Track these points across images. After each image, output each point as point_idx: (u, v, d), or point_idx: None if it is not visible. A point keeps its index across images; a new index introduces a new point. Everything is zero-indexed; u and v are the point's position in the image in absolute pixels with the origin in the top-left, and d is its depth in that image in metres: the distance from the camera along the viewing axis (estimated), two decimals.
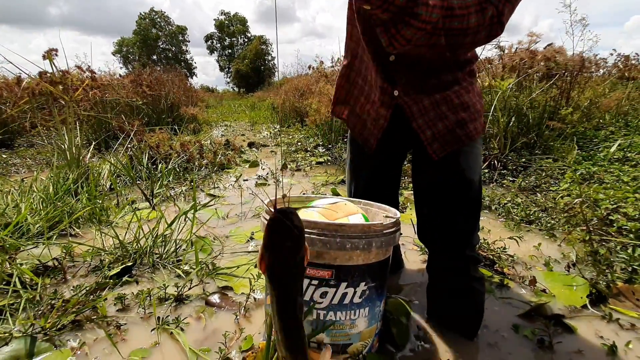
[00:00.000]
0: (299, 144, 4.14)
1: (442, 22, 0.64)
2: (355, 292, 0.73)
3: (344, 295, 0.73)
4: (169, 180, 2.46)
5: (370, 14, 0.63)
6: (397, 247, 1.32)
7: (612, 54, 4.40)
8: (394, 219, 0.79)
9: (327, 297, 0.73)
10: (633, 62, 4.78)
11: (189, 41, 45.11)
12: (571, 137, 2.93)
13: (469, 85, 0.90)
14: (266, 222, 0.44)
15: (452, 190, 0.89)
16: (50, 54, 1.97)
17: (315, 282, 0.72)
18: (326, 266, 0.72)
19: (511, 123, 2.73)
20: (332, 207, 0.89)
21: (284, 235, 0.42)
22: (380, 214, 0.94)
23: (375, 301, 0.77)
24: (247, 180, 2.68)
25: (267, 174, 2.84)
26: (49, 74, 2.32)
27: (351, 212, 0.88)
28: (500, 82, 2.60)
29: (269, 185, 2.54)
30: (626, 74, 4.45)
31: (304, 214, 0.90)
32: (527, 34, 2.88)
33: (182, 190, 2.30)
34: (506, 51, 3.29)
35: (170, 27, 43.74)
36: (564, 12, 3.12)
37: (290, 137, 4.81)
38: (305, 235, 0.68)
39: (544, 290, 1.16)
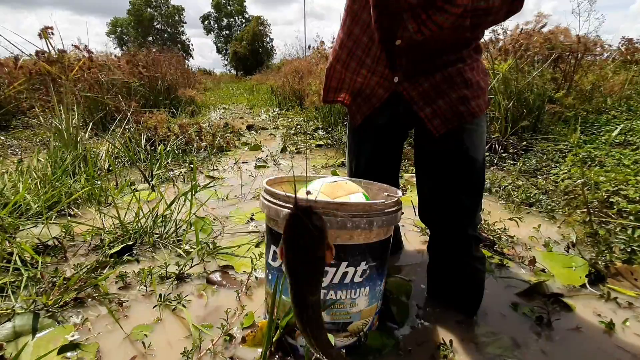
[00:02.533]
0: (299, 127, 4.11)
1: (471, 3, 0.62)
2: (355, 272, 0.73)
3: (345, 274, 0.73)
4: (167, 162, 2.44)
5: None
6: (397, 228, 1.33)
7: (609, 39, 4.31)
8: (396, 198, 0.78)
9: (328, 277, 0.73)
10: (637, 45, 4.69)
11: (185, 22, 44.09)
12: (572, 120, 2.91)
13: (473, 63, 0.88)
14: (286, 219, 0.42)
15: (455, 168, 0.88)
16: (45, 32, 1.91)
17: None
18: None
19: (511, 105, 2.69)
20: (333, 186, 0.88)
21: (301, 233, 0.41)
22: (381, 193, 0.93)
23: (376, 280, 0.77)
24: (246, 162, 2.66)
25: (267, 156, 2.82)
26: (45, 54, 2.26)
27: (352, 191, 0.87)
28: (499, 65, 2.55)
29: (268, 167, 2.53)
30: (629, 57, 4.38)
31: (304, 192, 0.89)
32: (535, 15, 2.82)
33: (181, 172, 2.28)
34: (510, 33, 3.22)
35: (166, 6, 42.60)
36: None
37: (290, 120, 4.77)
38: None
39: (543, 270, 1.17)
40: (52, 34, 2.15)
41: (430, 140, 0.90)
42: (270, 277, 0.81)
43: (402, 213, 0.83)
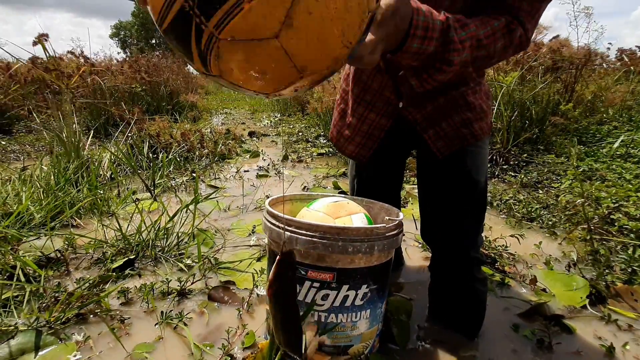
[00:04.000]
0: (300, 134, 4.12)
1: (471, 55, 0.63)
2: (356, 295, 0.74)
3: (346, 297, 0.73)
4: (169, 170, 2.45)
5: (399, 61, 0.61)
6: None
7: (609, 48, 4.32)
8: (397, 221, 0.79)
9: (329, 300, 0.73)
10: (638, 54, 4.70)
11: None
12: (574, 132, 2.91)
13: (476, 86, 0.89)
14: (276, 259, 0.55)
15: (458, 190, 0.89)
16: (41, 39, 1.92)
17: (316, 284, 0.73)
18: (328, 269, 0.72)
19: (514, 117, 2.71)
20: (336, 206, 0.88)
21: (288, 269, 0.55)
22: (383, 213, 0.94)
23: (377, 303, 0.78)
24: (247, 171, 2.67)
25: (268, 164, 2.83)
26: (41, 60, 2.27)
27: (353, 212, 0.88)
28: (504, 78, 2.57)
29: (269, 176, 2.53)
30: (632, 68, 4.39)
31: (306, 214, 0.89)
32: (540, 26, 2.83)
33: (183, 181, 2.29)
34: None
35: None
36: (567, 3, 3.06)
37: (291, 126, 4.78)
38: (307, 238, 0.69)
39: (544, 290, 1.17)
40: (47, 40, 2.15)
41: (434, 162, 0.90)
42: None
43: (404, 238, 0.84)
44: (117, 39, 41.26)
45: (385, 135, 0.93)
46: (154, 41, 41.26)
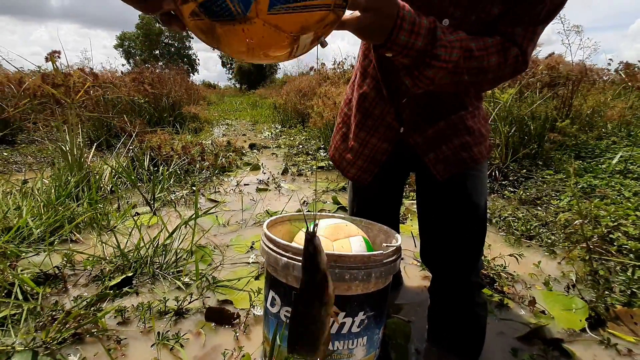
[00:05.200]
0: (301, 146, 4.14)
1: (463, 62, 0.65)
2: (353, 322, 0.74)
3: (342, 325, 0.73)
4: (170, 184, 2.46)
5: (392, 59, 0.65)
6: None
7: (609, 62, 4.37)
8: (394, 247, 0.79)
9: None
10: (636, 69, 4.75)
11: (192, 37, 44.90)
12: (572, 147, 2.93)
13: (474, 110, 0.90)
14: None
15: (458, 214, 0.89)
16: (52, 57, 1.96)
17: None
18: None
19: (512, 133, 2.72)
20: (334, 228, 0.89)
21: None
22: (381, 235, 0.94)
23: (374, 329, 0.77)
24: (247, 184, 2.68)
25: (268, 178, 2.84)
26: (51, 76, 2.31)
27: (352, 234, 0.88)
28: (501, 94, 2.60)
29: (269, 190, 2.54)
30: (630, 83, 4.43)
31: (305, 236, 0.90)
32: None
33: (183, 194, 2.30)
34: None
35: None
36: (557, 22, 3.12)
37: (292, 139, 4.81)
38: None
39: (543, 312, 1.17)
40: (59, 57, 2.19)
41: (434, 185, 0.91)
42: (268, 322, 0.82)
43: (402, 259, 0.84)
44: (121, 49, 41.81)
45: (387, 159, 0.95)
46: (157, 52, 41.72)
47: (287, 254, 0.73)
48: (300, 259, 0.71)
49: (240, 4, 0.35)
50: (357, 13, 0.56)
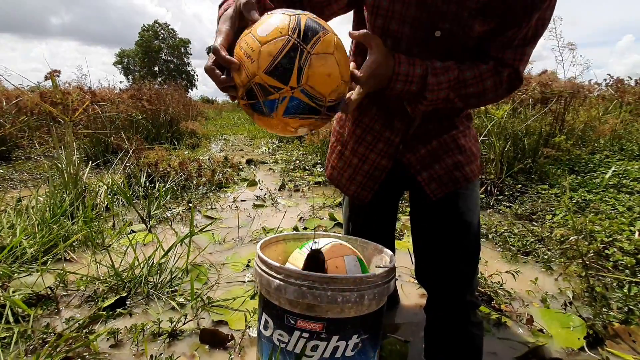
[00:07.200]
0: (298, 161, 4.16)
1: (453, 93, 0.74)
2: (347, 345, 0.72)
3: (336, 349, 0.72)
4: (166, 201, 2.46)
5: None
6: None
7: (606, 79, 4.48)
8: (388, 268, 0.79)
9: (318, 351, 0.72)
10: (626, 85, 4.86)
11: (191, 54, 45.53)
12: (566, 162, 2.96)
13: (465, 130, 0.92)
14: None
15: (451, 233, 0.89)
16: (53, 76, 1.99)
17: (306, 334, 0.71)
18: (317, 319, 0.71)
19: (507, 148, 2.76)
20: (329, 247, 0.89)
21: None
22: (376, 254, 0.94)
23: (369, 352, 0.76)
24: (244, 200, 2.68)
25: (265, 194, 2.84)
26: (49, 93, 2.33)
27: (346, 253, 0.88)
28: (495, 111, 2.64)
29: (266, 206, 2.54)
30: (620, 99, 4.52)
31: (299, 256, 0.90)
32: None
33: (179, 211, 2.29)
34: None
35: (173, 39, 44.13)
36: (552, 39, 3.20)
37: (289, 154, 4.84)
38: (296, 287, 0.69)
39: (541, 330, 1.16)
40: (59, 76, 2.22)
41: (426, 204, 0.92)
42: (262, 346, 0.80)
43: (397, 278, 0.84)
44: (120, 66, 42.28)
45: (385, 177, 0.95)
46: (156, 68, 42.20)
47: (279, 276, 0.72)
48: (293, 281, 0.71)
49: (267, 108, 0.59)
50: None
